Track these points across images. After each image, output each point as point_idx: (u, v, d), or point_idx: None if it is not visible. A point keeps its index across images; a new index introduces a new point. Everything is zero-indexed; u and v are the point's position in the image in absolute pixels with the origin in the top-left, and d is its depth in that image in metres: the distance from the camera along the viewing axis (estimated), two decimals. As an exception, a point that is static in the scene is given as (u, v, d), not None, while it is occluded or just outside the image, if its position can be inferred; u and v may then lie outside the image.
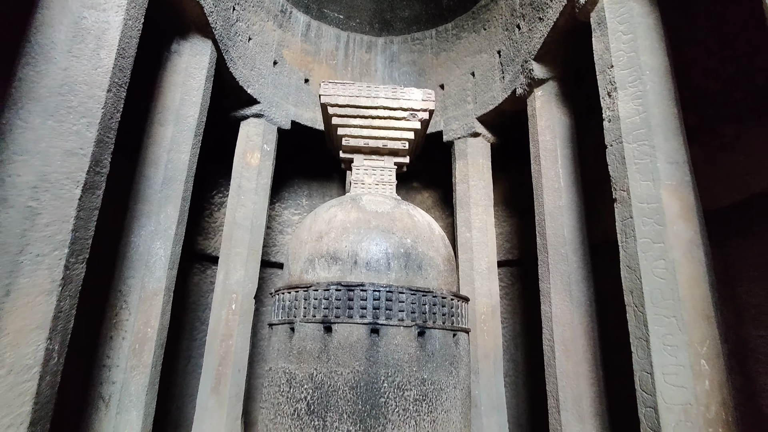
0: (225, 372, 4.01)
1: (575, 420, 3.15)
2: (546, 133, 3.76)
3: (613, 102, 2.71)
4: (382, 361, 2.65)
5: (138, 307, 2.98)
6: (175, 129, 3.36)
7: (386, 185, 3.60)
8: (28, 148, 1.95)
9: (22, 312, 1.83)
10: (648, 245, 2.38)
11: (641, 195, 2.46)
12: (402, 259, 2.95)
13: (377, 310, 2.74)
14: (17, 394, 1.79)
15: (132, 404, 2.86)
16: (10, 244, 1.84)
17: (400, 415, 2.59)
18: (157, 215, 3.16)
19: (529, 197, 5.61)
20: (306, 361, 2.73)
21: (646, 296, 2.33)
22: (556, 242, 3.50)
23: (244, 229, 4.37)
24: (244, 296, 4.25)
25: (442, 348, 2.84)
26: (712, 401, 2.10)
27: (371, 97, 3.50)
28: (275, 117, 4.78)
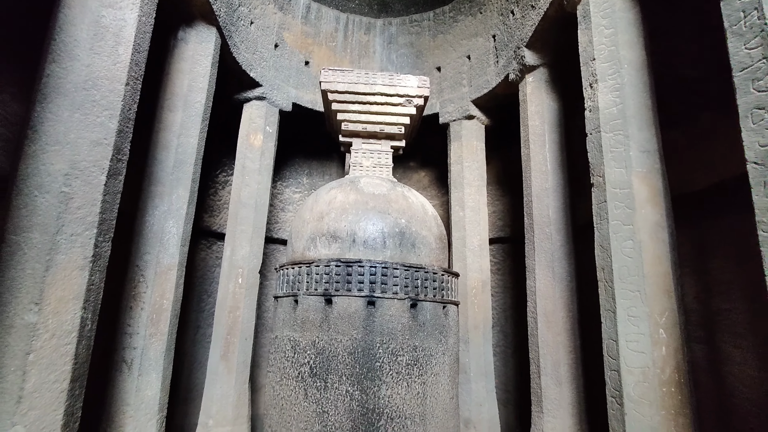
0: (233, 341, 4.32)
1: (553, 384, 3.46)
2: (535, 118, 3.95)
3: (594, 93, 2.90)
4: (377, 330, 2.94)
5: (154, 280, 3.25)
6: (183, 114, 3.56)
7: (383, 168, 3.82)
8: (59, 139, 2.17)
9: (60, 284, 2.09)
10: (619, 227, 2.63)
11: (615, 181, 2.69)
12: (397, 237, 3.20)
13: (373, 285, 3.00)
14: (60, 354, 2.06)
15: (151, 367, 3.16)
16: (48, 225, 2.08)
17: (393, 377, 2.89)
18: (169, 196, 3.40)
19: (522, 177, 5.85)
20: (309, 329, 3.02)
21: (615, 273, 2.59)
22: (541, 222, 3.75)
23: (249, 207, 4.60)
24: (249, 271, 4.52)
25: (432, 318, 3.13)
26: (667, 365, 2.39)
27: (369, 83, 3.69)
28: (277, 99, 4.96)
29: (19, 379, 1.95)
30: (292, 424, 2.90)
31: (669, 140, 3.75)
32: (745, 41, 1.76)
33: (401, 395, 2.87)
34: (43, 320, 2.03)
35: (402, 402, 2.86)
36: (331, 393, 2.84)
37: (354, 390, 2.83)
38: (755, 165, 1.70)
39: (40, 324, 2.01)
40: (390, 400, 2.84)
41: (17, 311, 1.98)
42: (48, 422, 2.00)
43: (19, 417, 1.93)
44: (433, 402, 2.99)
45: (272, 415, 3.08)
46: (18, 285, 2.00)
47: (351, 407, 2.80)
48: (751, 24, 1.73)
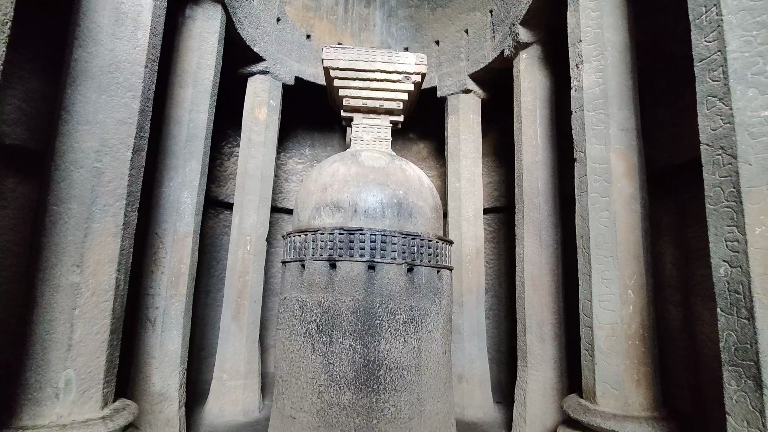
0: (243, 303, 4.66)
1: (537, 341, 3.81)
2: (528, 94, 4.14)
3: (579, 73, 3.10)
4: (377, 292, 3.24)
5: (172, 247, 3.53)
6: (194, 91, 3.76)
7: (382, 142, 4.05)
8: (89, 119, 2.40)
9: (97, 249, 2.37)
10: (597, 199, 2.89)
11: (595, 156, 2.93)
12: (395, 207, 3.46)
13: (374, 251, 3.29)
14: (100, 310, 2.37)
15: (173, 325, 3.49)
16: (84, 197, 2.35)
17: (391, 333, 3.21)
18: (183, 169, 3.64)
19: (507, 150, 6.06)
20: (315, 291, 3.32)
21: (592, 240, 2.87)
22: (530, 193, 4.00)
23: (255, 178, 4.85)
24: (257, 238, 4.81)
25: (427, 282, 3.43)
26: (633, 321, 2.70)
27: (369, 61, 3.86)
28: (280, 73, 5.12)
29: (68, 330, 2.26)
30: (300, 374, 3.24)
31: (655, 116, 3.97)
32: (704, 34, 1.97)
33: (398, 349, 3.21)
34: (85, 280, 2.32)
35: (399, 355, 3.20)
36: (336, 347, 3.17)
37: (356, 344, 3.16)
38: (707, 146, 1.94)
39: (82, 283, 2.31)
40: (388, 353, 3.17)
41: (62, 272, 2.27)
42: (93, 367, 2.33)
43: (69, 362, 2.25)
44: (427, 355, 3.33)
45: (283, 367, 3.43)
46: (62, 250, 2.28)
47: (354, 359, 3.14)
48: (710, 19, 1.94)
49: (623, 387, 2.65)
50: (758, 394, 1.68)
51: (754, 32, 1.80)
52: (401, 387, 3.17)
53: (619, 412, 2.61)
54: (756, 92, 1.78)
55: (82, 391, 2.28)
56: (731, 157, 1.81)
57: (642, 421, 2.51)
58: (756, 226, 1.72)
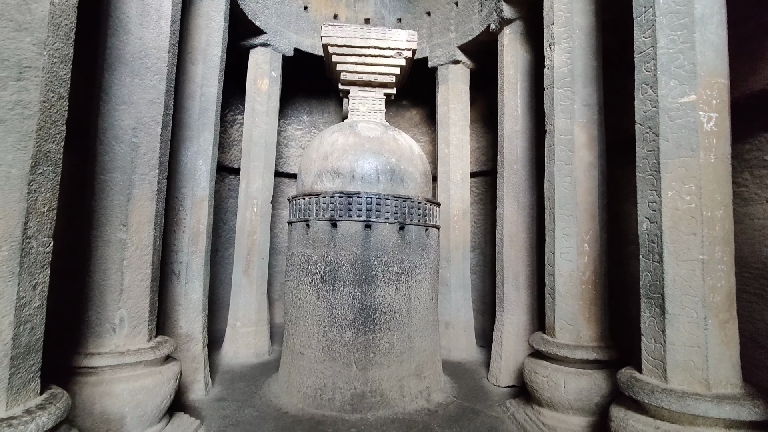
0: (252, 260, 5.17)
1: (513, 290, 4.36)
2: (510, 67, 4.51)
3: (552, 53, 3.49)
4: (373, 247, 3.75)
5: (191, 209, 3.99)
6: (204, 67, 4.11)
7: (377, 113, 4.44)
8: (124, 99, 2.80)
9: (138, 211, 2.83)
10: (561, 166, 3.35)
11: (561, 129, 3.37)
12: (388, 173, 3.91)
13: (369, 212, 3.77)
14: (143, 261, 2.85)
15: (194, 277, 4.01)
16: (125, 167, 2.78)
17: (385, 282, 3.74)
18: (197, 139, 4.05)
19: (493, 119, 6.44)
20: (319, 247, 3.82)
21: (556, 202, 3.35)
22: (510, 159, 4.45)
23: (260, 146, 5.25)
24: (263, 201, 5.27)
25: (417, 239, 3.93)
26: (587, 269, 3.23)
27: (364, 38, 4.20)
28: (279, 45, 5.42)
29: (119, 277, 2.75)
30: (308, 317, 3.79)
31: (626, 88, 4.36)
32: (642, 31, 2.38)
33: (391, 296, 3.75)
34: (130, 237, 2.79)
35: (392, 300, 3.74)
36: (338, 294, 3.70)
37: (355, 291, 3.69)
38: (639, 125, 2.39)
39: (128, 240, 2.78)
40: (383, 299, 3.72)
41: (112, 230, 2.74)
42: (140, 308, 2.84)
43: (122, 303, 2.76)
44: (416, 301, 3.88)
45: (292, 313, 3.97)
46: (110, 212, 2.74)
47: (353, 304, 3.68)
48: (647, 18, 2.34)
49: (576, 323, 3.20)
50: (662, 318, 2.22)
51: (678, 32, 2.21)
52: (393, 327, 3.74)
53: (572, 343, 3.17)
54: (676, 83, 2.21)
55: (132, 326, 2.80)
56: (655, 135, 2.27)
57: (590, 349, 3.08)
58: (669, 191, 2.20)
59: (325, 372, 3.66)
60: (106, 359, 2.60)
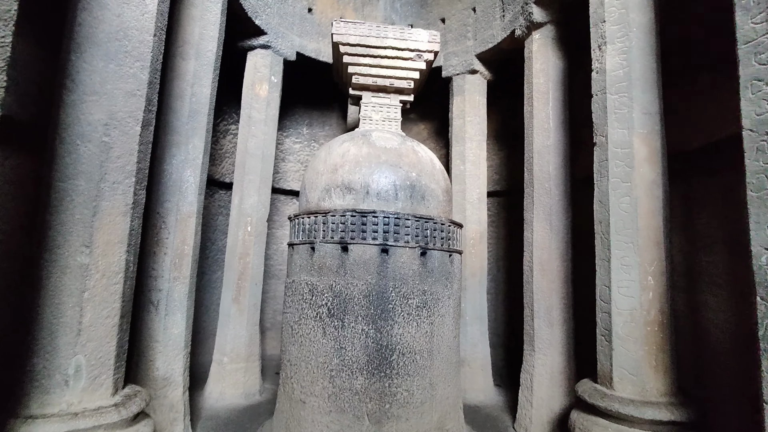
0: (244, 285, 4.55)
1: (545, 326, 3.81)
2: (540, 76, 4.06)
3: (602, 55, 3.02)
4: (390, 275, 3.17)
5: (176, 227, 3.40)
6: (196, 63, 3.58)
7: (392, 122, 3.93)
8: (95, 89, 2.24)
9: (106, 229, 2.24)
10: (618, 184, 2.85)
11: (617, 141, 2.88)
12: (408, 190, 3.37)
13: (387, 234, 3.21)
14: (110, 293, 2.25)
15: (176, 308, 3.38)
16: (92, 173, 2.20)
17: (404, 317, 3.16)
18: (185, 146, 3.48)
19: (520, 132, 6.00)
20: (326, 274, 3.24)
21: (612, 226, 2.83)
22: (541, 177, 3.95)
23: (256, 158, 4.69)
24: (257, 219, 4.68)
25: (440, 266, 3.37)
26: (653, 307, 2.69)
27: (380, 37, 3.72)
28: (281, 48, 4.92)
29: (77, 314, 2.14)
30: (311, 358, 3.18)
31: (666, 100, 3.93)
32: (751, 16, 1.90)
33: (411, 333, 3.16)
34: (94, 261, 2.19)
35: (412, 339, 3.15)
36: (348, 331, 3.10)
37: (369, 329, 3.10)
38: (750, 132, 1.89)
39: (91, 265, 2.18)
40: (401, 338, 3.13)
41: (70, 253, 2.14)
42: (104, 352, 2.22)
43: (79, 347, 2.14)
44: (439, 340, 3.29)
45: (291, 351, 3.35)
46: (69, 229, 2.14)
47: (366, 344, 3.08)
48: (758, 0, 1.87)
49: (641, 373, 2.65)
50: (800, 382, 1.67)
51: (809, 14, 1.74)
52: (414, 371, 3.14)
53: (636, 397, 2.61)
54: (808, 76, 1.72)
55: (92, 377, 2.17)
56: (779, 142, 1.77)
57: (661, 406, 2.52)
58: (804, 214, 1.69)
59: (332, 426, 3.03)
60: (53, 425, 1.97)
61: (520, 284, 5.98)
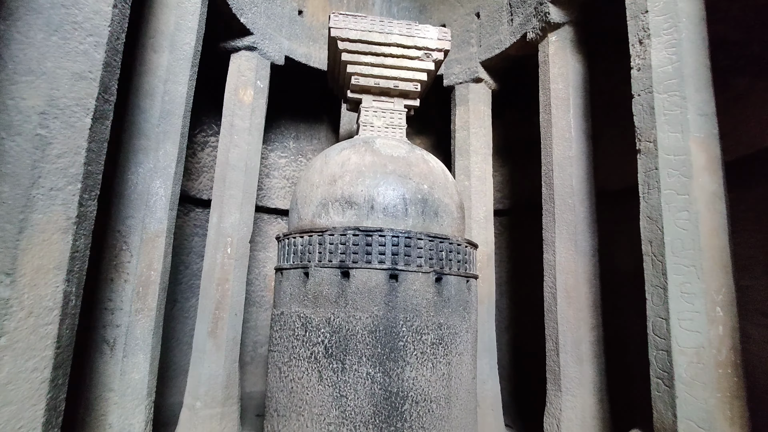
0: (222, 316, 3.94)
1: (574, 362, 3.31)
2: (558, 81, 3.67)
3: (645, 50, 2.63)
4: (401, 306, 2.65)
5: (140, 249, 2.82)
6: (170, 57, 3.06)
7: (396, 129, 3.47)
8: (31, 67, 1.70)
9: (38, 251, 1.67)
10: (672, 196, 2.41)
11: (669, 146, 2.46)
12: (419, 204, 2.88)
13: (396, 256, 2.70)
14: (39, 337, 1.66)
15: (138, 347, 2.77)
16: (20, 175, 1.64)
17: (418, 357, 2.62)
18: (155, 152, 2.93)
19: (523, 146, 5.62)
20: (323, 305, 2.69)
21: (667, 246, 2.39)
22: (563, 192, 3.52)
23: (238, 170, 4.15)
24: (239, 240, 4.11)
25: (457, 294, 2.87)
26: (724, 345, 2.23)
27: (384, 32, 3.28)
28: (268, 51, 4.45)
29: (-11, 368, 1.54)
30: (304, 408, 2.60)
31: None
32: None
33: (426, 377, 2.62)
34: (18, 295, 1.61)
35: (427, 384, 2.61)
36: (350, 375, 2.55)
37: (375, 372, 2.55)
38: None
39: (13, 300, 1.60)
40: (415, 383, 2.59)
41: (-17, 284, 1.56)
42: (27, 419, 1.62)
43: (-11, 415, 1.54)
44: (457, 383, 2.76)
45: (279, 399, 2.77)
46: (-18, 251, 1.57)
47: (372, 390, 2.53)
48: None
49: (713, 426, 2.16)
50: None
51: None
52: (429, 424, 2.59)
53: (711, 457, 2.12)
54: None
55: (8, 456, 1.56)
56: None
57: (745, 470, 2.03)
58: None
59: (330, 497, 2.45)
60: None
61: (526, 311, 5.51)
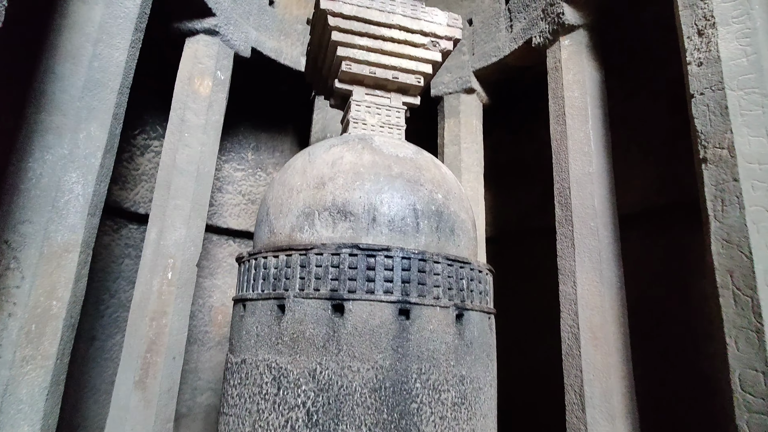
0: (155, 360, 3.02)
1: (604, 419, 2.71)
2: (574, 88, 3.23)
3: (708, 41, 2.21)
4: (413, 353, 1.95)
5: (37, 267, 1.94)
6: (106, 12, 2.29)
7: (393, 128, 2.84)
8: None
9: None
10: (760, 214, 1.93)
11: (751, 153, 2.00)
12: (433, 218, 2.23)
13: (407, 284, 2.01)
14: None
15: (22, 415, 1.86)
16: None
17: (437, 425, 1.91)
18: (73, 134, 2.11)
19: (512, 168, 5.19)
20: (304, 352, 1.93)
21: (759, 276, 1.88)
22: (584, 214, 3.01)
23: (188, 175, 3.34)
24: (184, 262, 3.25)
25: (480, 335, 2.21)
26: None
27: (386, 11, 2.70)
28: (233, 39, 3.74)
29: None
30: (274, 506, 1.79)
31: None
32: None
33: (447, 453, 1.91)
34: None
35: (449, 464, 1.90)
36: (344, 454, 1.78)
37: (380, 448, 1.80)
38: None
39: None
40: (433, 463, 1.86)
41: None
42: None
43: None
44: (483, 459, 2.06)
45: (235, 488, 1.93)
46: None
47: (376, 477, 1.77)
48: None
49: None
50: None
51: None
52: None
53: None
54: None
55: None
56: None
57: None
58: None
59: None
60: None
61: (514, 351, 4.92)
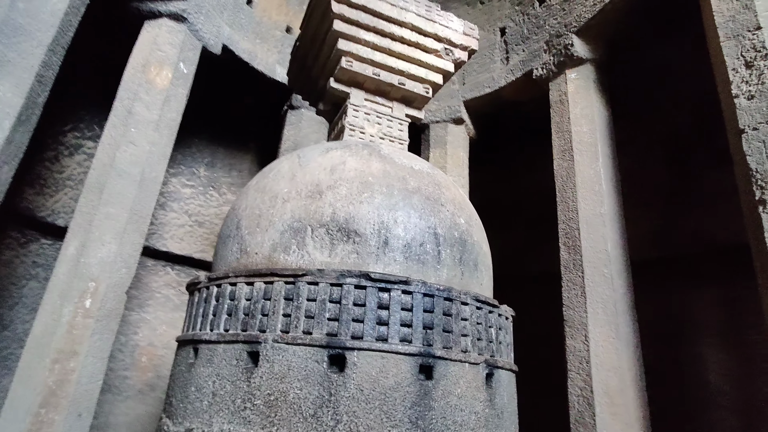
0: (53, 419, 2.23)
1: (625, 505, 2.26)
2: (582, 123, 3.00)
3: (761, 73, 2.01)
4: (437, 428, 1.42)
5: None
6: (46, -57, 1.72)
7: (395, 141, 2.41)
8: None
9: None
10: (841, 266, 1.65)
11: (823, 196, 1.75)
12: (456, 248, 1.77)
13: (429, 331, 1.51)
14: None
15: None
16: None
17: None
18: (-29, 89, 1.48)
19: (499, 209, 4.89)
20: (285, 423, 1.35)
21: None
22: (596, 259, 2.69)
23: (129, 179, 2.68)
24: (110, 287, 2.53)
25: (509, 401, 1.72)
26: None
27: (398, 7, 2.33)
28: (203, 30, 3.23)
29: None
30: None
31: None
32: None
33: None
34: None
35: None
36: None
37: None
38: None
39: None
40: None
41: None
42: None
43: None
44: None
45: None
46: None
47: None
48: None
49: None
50: None
51: None
52: None
53: None
54: None
55: None
56: None
57: None
58: None
59: None
60: None
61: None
